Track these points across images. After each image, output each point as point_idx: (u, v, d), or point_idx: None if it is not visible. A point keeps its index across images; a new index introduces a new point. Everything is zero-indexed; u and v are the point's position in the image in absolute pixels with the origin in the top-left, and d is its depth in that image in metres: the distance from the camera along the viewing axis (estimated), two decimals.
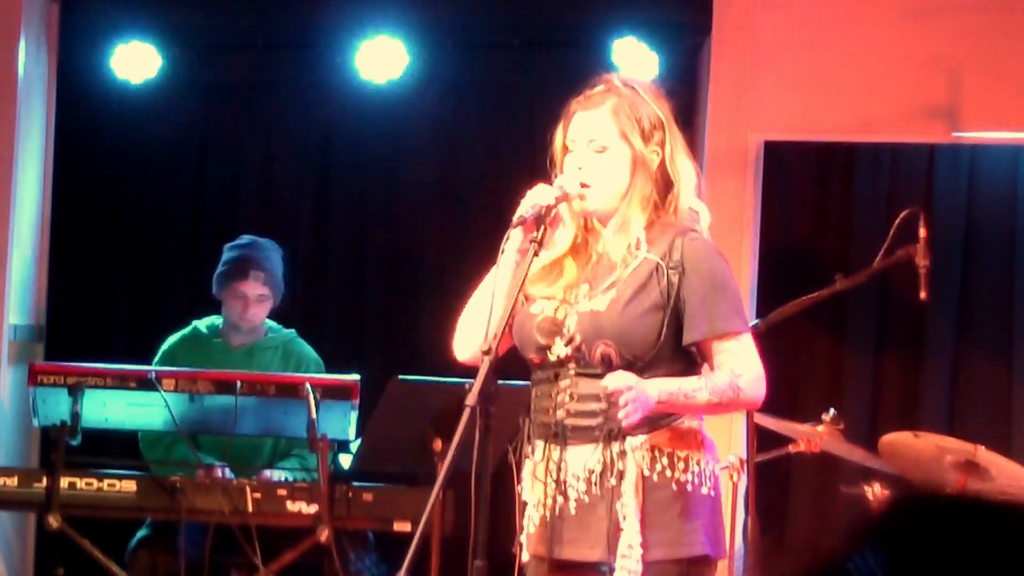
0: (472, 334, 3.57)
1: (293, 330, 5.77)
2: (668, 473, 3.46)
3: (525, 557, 3.57)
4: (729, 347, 3.48)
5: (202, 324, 5.72)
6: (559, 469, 3.49)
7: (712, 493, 3.51)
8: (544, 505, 3.52)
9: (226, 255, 5.75)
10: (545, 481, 3.51)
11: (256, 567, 4.91)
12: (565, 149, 3.58)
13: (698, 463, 3.49)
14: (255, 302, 5.63)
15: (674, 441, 3.48)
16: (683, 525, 3.46)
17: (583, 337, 3.47)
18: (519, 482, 3.57)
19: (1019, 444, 5.89)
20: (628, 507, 3.42)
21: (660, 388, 3.40)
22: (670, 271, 3.47)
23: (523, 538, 3.57)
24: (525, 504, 3.56)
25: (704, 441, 3.53)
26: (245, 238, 5.81)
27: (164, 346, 5.67)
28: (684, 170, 3.57)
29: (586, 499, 3.48)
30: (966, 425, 5.84)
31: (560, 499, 3.50)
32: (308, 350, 5.70)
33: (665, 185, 3.56)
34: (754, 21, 6.12)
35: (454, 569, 4.18)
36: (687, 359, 3.51)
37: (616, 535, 3.43)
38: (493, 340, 3.38)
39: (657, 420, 3.47)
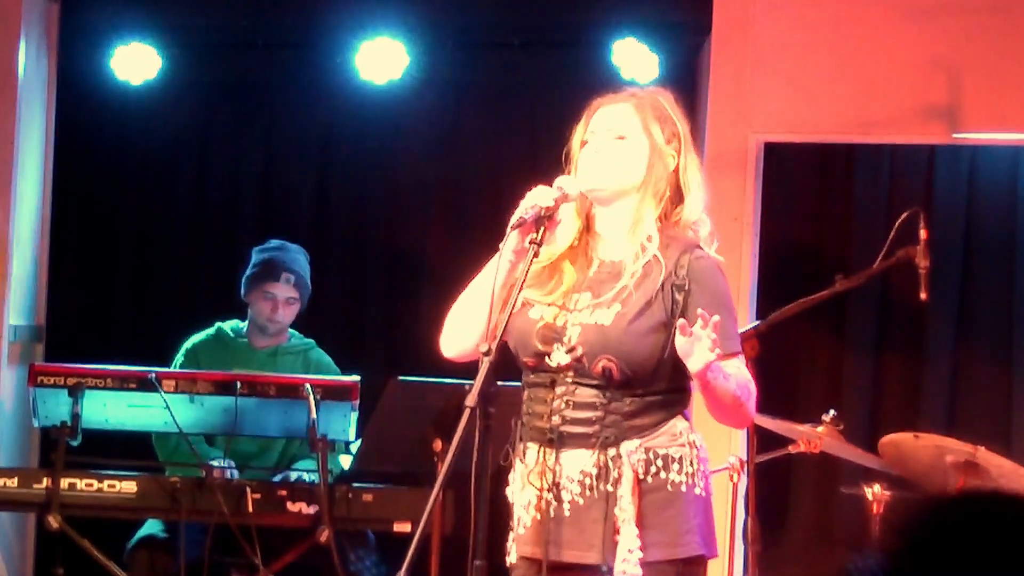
0: (461, 331, 3.58)
1: (312, 340, 5.81)
2: (663, 475, 3.47)
3: (513, 559, 3.57)
4: (731, 364, 3.49)
5: (226, 326, 5.76)
6: (554, 472, 3.50)
7: (704, 493, 3.52)
8: (537, 508, 3.52)
9: (255, 257, 5.78)
10: (541, 485, 3.51)
11: (256, 567, 4.91)
12: (583, 145, 3.59)
13: (691, 463, 3.51)
14: (284, 304, 5.70)
15: (668, 443, 3.49)
16: (679, 526, 3.47)
17: (585, 350, 3.47)
18: (508, 484, 3.57)
19: (1019, 444, 5.89)
20: (626, 511, 3.43)
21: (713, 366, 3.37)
22: (675, 289, 3.48)
23: (511, 540, 3.57)
24: (513, 506, 3.57)
25: (695, 442, 3.54)
26: (274, 242, 5.86)
27: (187, 344, 5.68)
28: (697, 186, 3.59)
29: (580, 501, 3.48)
30: (966, 425, 5.83)
31: (554, 502, 3.50)
32: (328, 359, 5.73)
33: (674, 196, 3.57)
34: (754, 21, 6.12)
35: (454, 569, 4.18)
36: (684, 376, 3.50)
37: (613, 538, 3.44)
38: (493, 341, 3.37)
39: (651, 424, 3.49)
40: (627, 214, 3.56)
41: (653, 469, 3.46)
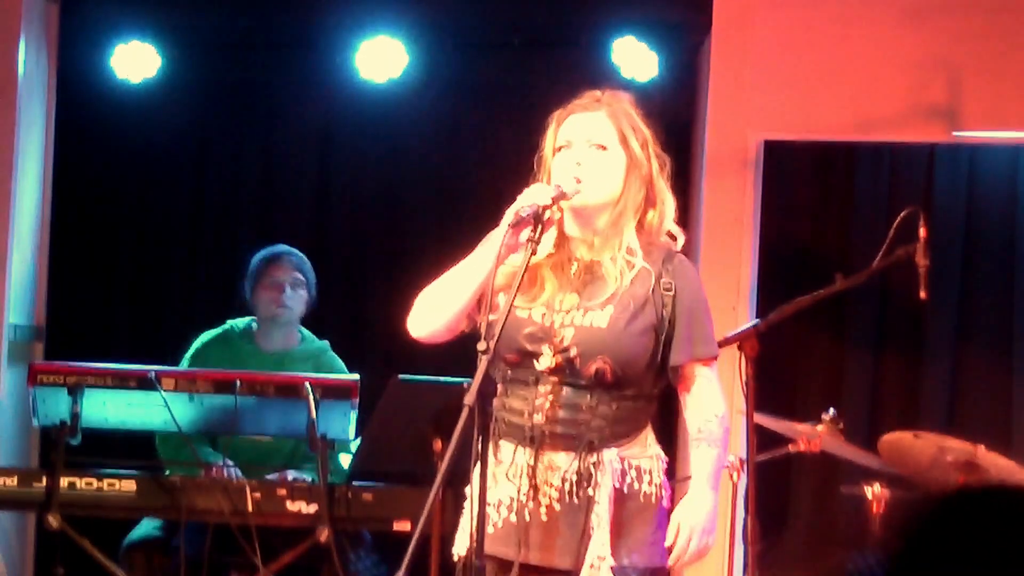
0: (435, 314, 3.61)
1: (326, 341, 5.74)
2: (636, 485, 3.52)
3: (462, 551, 3.53)
4: (705, 373, 3.60)
5: (236, 324, 5.68)
6: (533, 473, 3.50)
7: (668, 504, 3.60)
8: (510, 508, 3.52)
9: (255, 257, 5.73)
10: (520, 485, 3.51)
11: (256, 567, 4.91)
12: (556, 151, 3.60)
13: (658, 475, 3.57)
14: (291, 287, 5.61)
15: (639, 454, 3.55)
16: (648, 536, 3.54)
17: (580, 351, 3.49)
18: (469, 481, 3.54)
19: (1019, 444, 5.89)
20: (601, 517, 3.47)
21: (709, 483, 3.54)
22: (664, 292, 3.54)
23: (462, 536, 3.54)
24: (466, 500, 3.55)
25: (659, 454, 3.61)
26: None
27: (196, 344, 5.63)
28: (666, 192, 3.63)
29: (557, 507, 3.50)
30: (966, 425, 5.84)
31: (530, 504, 3.50)
32: (340, 364, 5.64)
33: (645, 202, 3.60)
34: (754, 21, 6.12)
35: (453, 569, 4.18)
36: (661, 381, 3.60)
37: (586, 544, 3.47)
38: (492, 340, 3.37)
39: (628, 431, 3.53)
40: (602, 220, 3.58)
41: (628, 479, 3.52)
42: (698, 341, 3.56)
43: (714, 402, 3.60)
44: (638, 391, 3.53)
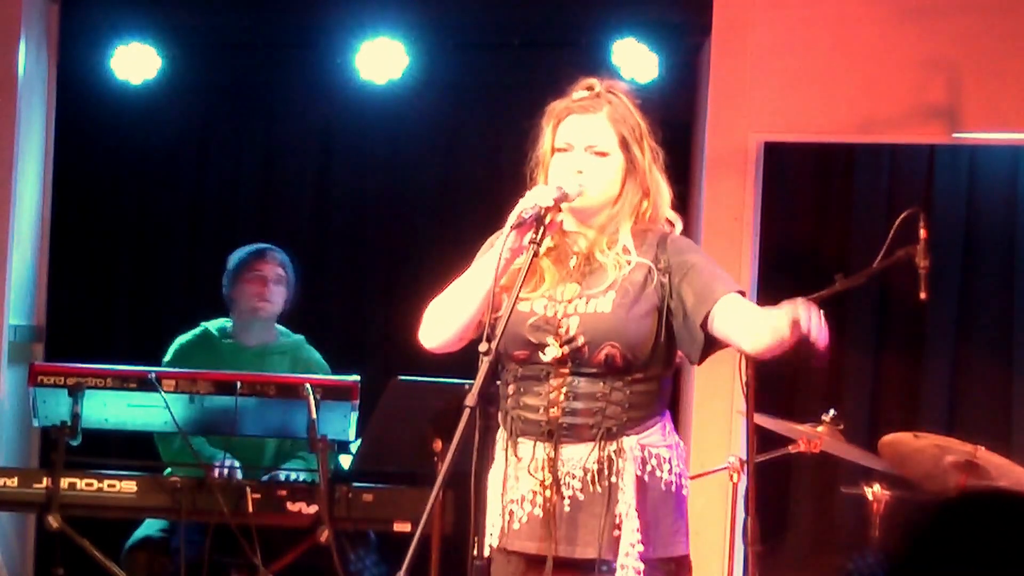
0: (447, 324, 3.61)
1: (302, 336, 5.77)
2: (657, 473, 3.53)
3: (487, 551, 3.55)
4: (734, 298, 3.50)
5: (212, 326, 5.72)
6: (554, 466, 3.51)
7: (687, 493, 3.60)
8: (532, 502, 3.53)
9: (236, 253, 5.75)
10: (543, 479, 3.51)
11: (256, 567, 4.91)
12: (554, 151, 3.60)
13: (678, 463, 3.58)
14: (274, 283, 5.64)
15: (659, 443, 3.55)
16: (670, 524, 3.54)
17: (588, 338, 3.50)
18: (482, 479, 3.55)
19: (1019, 444, 5.89)
20: (628, 506, 3.46)
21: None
22: (660, 274, 3.54)
23: (494, 532, 3.56)
24: (485, 498, 3.56)
25: (679, 443, 3.62)
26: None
27: (174, 346, 5.65)
28: (661, 182, 3.64)
29: (581, 497, 3.50)
30: (966, 425, 5.84)
31: (554, 496, 3.51)
32: (317, 356, 5.70)
33: (643, 193, 3.61)
34: (754, 21, 6.12)
35: (454, 569, 4.18)
36: (671, 363, 3.60)
37: (612, 533, 3.47)
38: (493, 341, 3.38)
39: (645, 417, 3.53)
40: (599, 219, 3.59)
41: (648, 468, 3.51)
42: (715, 285, 3.49)
43: (753, 308, 3.50)
44: (649, 374, 3.53)
